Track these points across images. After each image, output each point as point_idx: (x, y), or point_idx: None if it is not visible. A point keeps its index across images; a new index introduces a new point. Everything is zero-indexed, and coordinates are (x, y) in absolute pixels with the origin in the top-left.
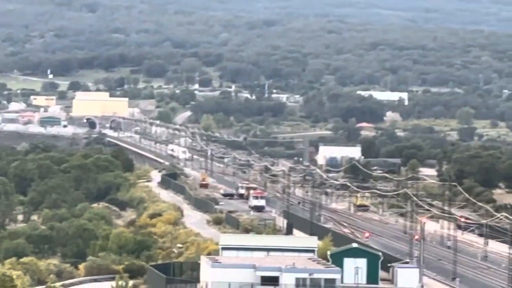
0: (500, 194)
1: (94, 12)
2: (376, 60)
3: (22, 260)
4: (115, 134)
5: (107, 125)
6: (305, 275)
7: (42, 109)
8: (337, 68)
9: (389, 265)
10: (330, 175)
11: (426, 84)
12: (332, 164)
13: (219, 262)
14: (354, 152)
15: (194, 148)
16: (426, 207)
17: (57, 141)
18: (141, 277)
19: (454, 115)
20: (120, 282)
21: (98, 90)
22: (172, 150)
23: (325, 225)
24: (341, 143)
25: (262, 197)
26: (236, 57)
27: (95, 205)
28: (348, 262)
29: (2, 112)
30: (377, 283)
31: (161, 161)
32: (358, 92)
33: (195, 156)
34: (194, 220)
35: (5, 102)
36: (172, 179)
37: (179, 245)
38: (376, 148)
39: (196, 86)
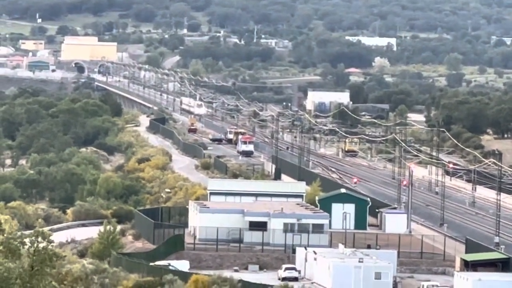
0: (488, 140)
1: None
2: (365, 5)
3: (10, 204)
4: (103, 79)
5: (96, 70)
6: (293, 220)
7: (30, 54)
8: (326, 14)
9: (377, 210)
10: (319, 120)
11: (415, 30)
12: (321, 109)
13: (207, 207)
14: (343, 97)
15: (183, 93)
16: (414, 152)
17: (45, 86)
18: (129, 222)
19: (443, 61)
20: (108, 227)
21: (86, 34)
22: (189, 104)
23: (314, 171)
24: (330, 88)
25: (250, 142)
26: (225, 2)
27: (83, 149)
28: (336, 208)
29: None
30: (365, 229)
31: (150, 105)
32: (347, 37)
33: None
34: (183, 165)
35: None
36: (160, 123)
37: (167, 190)
38: (364, 93)
39: (185, 31)
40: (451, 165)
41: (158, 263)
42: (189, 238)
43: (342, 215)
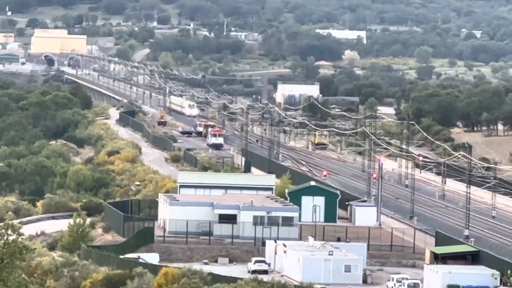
0: (458, 133)
1: None
2: None
3: None
4: (73, 72)
5: (66, 63)
6: (263, 213)
7: (0, 46)
8: (296, 6)
9: (347, 203)
10: (289, 113)
11: (385, 23)
12: (291, 102)
13: (177, 200)
14: (313, 90)
15: (153, 85)
16: (384, 145)
17: (15, 78)
18: (99, 214)
19: (413, 53)
20: (77, 220)
21: (56, 27)
22: (180, 104)
23: (283, 163)
24: (300, 81)
25: (220, 135)
26: None
27: (53, 142)
28: (306, 200)
29: None
30: (335, 221)
31: (119, 98)
32: (317, 30)
33: (153, 94)
34: (152, 158)
35: None
36: (130, 116)
37: (137, 182)
38: (334, 86)
39: (155, 23)
40: (421, 158)
41: (128, 256)
42: (159, 231)
43: (312, 208)
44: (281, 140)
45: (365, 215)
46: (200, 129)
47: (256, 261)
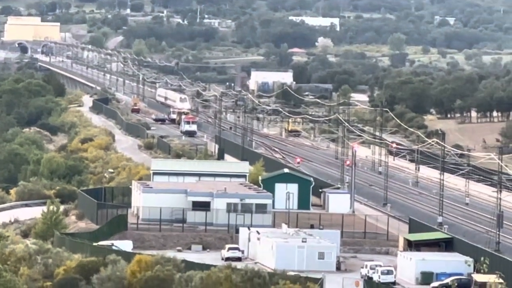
0: (431, 120)
1: None
2: None
3: None
4: (46, 59)
5: (39, 50)
6: (237, 200)
7: None
8: None
9: (320, 190)
10: (262, 100)
11: (358, 10)
12: (264, 89)
13: (150, 187)
14: (286, 77)
15: (126, 73)
16: (358, 132)
17: None
18: (72, 202)
19: (386, 41)
20: (51, 207)
21: (30, 15)
22: (170, 98)
23: (257, 151)
24: (273, 68)
25: (193, 122)
26: None
27: (26, 129)
28: (280, 188)
29: None
30: (308, 208)
31: (93, 85)
32: (290, 17)
33: (127, 81)
34: (126, 145)
35: None
36: (103, 104)
37: (110, 170)
38: (307, 73)
39: (128, 11)
40: (394, 145)
41: (101, 243)
42: (132, 218)
43: (286, 195)
44: (254, 127)
45: (338, 202)
46: (174, 116)
47: (230, 248)
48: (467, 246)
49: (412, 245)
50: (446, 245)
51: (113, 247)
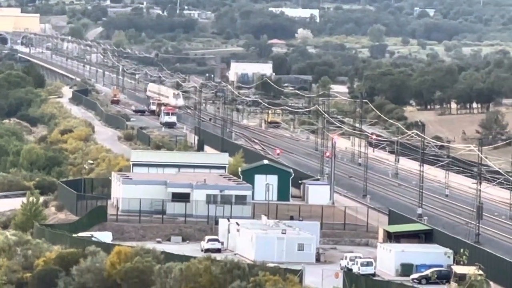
0: (411, 112)
1: None
2: None
3: None
4: (26, 50)
5: (19, 41)
6: (216, 192)
7: None
8: None
9: (300, 182)
10: (242, 91)
11: (338, 1)
12: (244, 80)
13: (130, 179)
14: (266, 68)
15: (106, 64)
16: (337, 124)
17: None
18: (52, 193)
19: (366, 32)
20: (31, 198)
21: (9, 6)
22: (163, 93)
23: (236, 142)
24: (253, 59)
25: (173, 114)
26: None
27: (6, 121)
28: (259, 179)
29: None
30: (288, 200)
31: (73, 77)
32: (270, 9)
33: (106, 72)
34: (105, 136)
35: None
36: (83, 95)
37: (90, 161)
38: (287, 64)
39: (108, 2)
40: (374, 137)
41: (81, 234)
42: (112, 209)
43: (265, 186)
44: (234, 118)
45: (318, 194)
46: (153, 107)
47: (209, 240)
48: (447, 238)
49: (391, 237)
50: (425, 236)
51: (93, 239)
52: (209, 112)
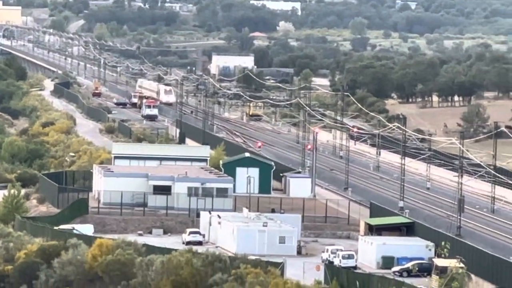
0: (393, 105)
1: None
2: None
3: None
4: (8, 43)
5: (0, 34)
6: (198, 185)
7: None
8: None
9: (281, 174)
10: (223, 84)
11: None
12: (225, 73)
13: (112, 171)
14: (247, 61)
15: (87, 57)
16: (319, 117)
17: None
18: (34, 186)
19: (347, 25)
20: (12, 191)
21: None
22: (155, 89)
23: (218, 135)
24: (234, 52)
25: (154, 106)
26: None
27: None
28: (241, 172)
29: None
30: (269, 193)
31: (54, 69)
32: (251, 1)
33: (88, 65)
34: (87, 129)
35: None
36: (65, 88)
37: (71, 154)
38: (269, 57)
39: None
40: (355, 130)
41: (62, 227)
42: (93, 202)
43: (246, 179)
44: (215, 111)
45: (299, 187)
46: (135, 100)
47: (191, 232)
48: (428, 231)
49: (373, 230)
50: (407, 229)
51: (74, 231)
52: (191, 105)
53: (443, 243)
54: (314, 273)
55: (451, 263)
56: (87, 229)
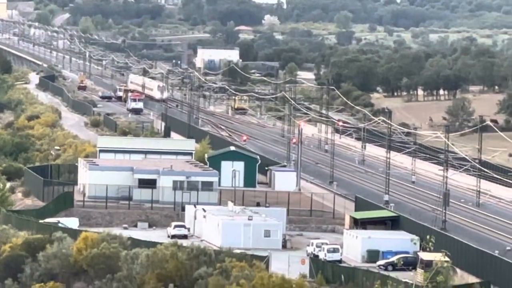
0: (378, 98)
1: None
2: None
3: None
4: None
5: None
6: (183, 178)
7: None
8: None
9: (266, 168)
10: (208, 78)
11: None
12: (211, 67)
13: (97, 165)
14: (233, 55)
15: (73, 50)
16: (304, 110)
17: None
18: (19, 179)
19: (333, 18)
20: None
21: None
22: (146, 85)
23: (203, 128)
24: (219, 46)
25: (140, 100)
26: None
27: None
28: (226, 165)
29: None
30: (254, 186)
31: (39, 63)
32: None
33: (73, 59)
34: (72, 122)
35: None
36: (50, 81)
37: (56, 147)
38: (254, 51)
39: None
40: (340, 123)
41: (47, 220)
42: (78, 195)
43: (232, 172)
44: (200, 105)
45: (284, 180)
46: (120, 94)
47: (176, 226)
48: (413, 224)
49: (358, 223)
50: (392, 223)
51: (59, 225)
52: (176, 98)
53: (428, 237)
54: (299, 267)
55: (436, 257)
56: (72, 222)
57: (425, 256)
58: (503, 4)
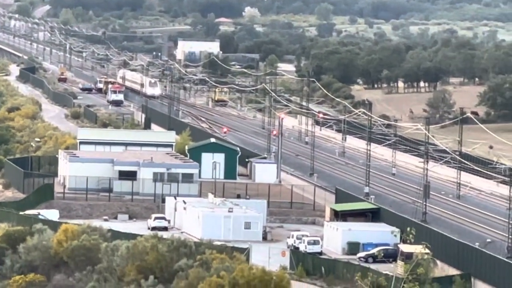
0: (358, 90)
1: None
2: None
3: None
4: None
5: None
6: (163, 170)
7: None
8: None
9: (247, 160)
10: (189, 70)
11: None
12: (191, 59)
13: (77, 157)
14: (213, 47)
15: (53, 42)
16: (285, 102)
17: None
18: None
19: (313, 11)
20: None
21: None
22: (139, 81)
23: (183, 120)
24: (200, 38)
25: (120, 92)
26: None
27: None
28: (206, 157)
29: None
30: (235, 178)
31: (20, 55)
32: None
33: (54, 50)
34: (53, 114)
35: None
36: (30, 73)
37: (37, 139)
38: (234, 43)
39: None
40: (321, 115)
41: (28, 212)
42: (58, 187)
43: (212, 164)
44: (181, 96)
45: (265, 172)
46: (100, 85)
47: (156, 218)
48: (394, 217)
49: (338, 215)
50: (372, 215)
51: (40, 216)
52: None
53: (408, 229)
54: (280, 259)
55: (417, 249)
56: (52, 214)
57: (405, 248)
58: None
